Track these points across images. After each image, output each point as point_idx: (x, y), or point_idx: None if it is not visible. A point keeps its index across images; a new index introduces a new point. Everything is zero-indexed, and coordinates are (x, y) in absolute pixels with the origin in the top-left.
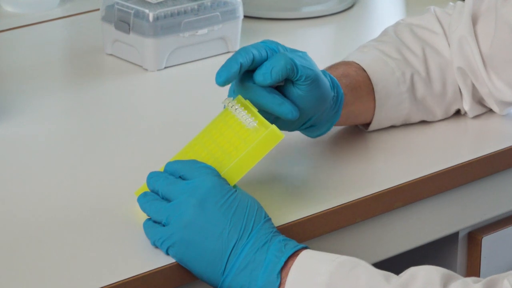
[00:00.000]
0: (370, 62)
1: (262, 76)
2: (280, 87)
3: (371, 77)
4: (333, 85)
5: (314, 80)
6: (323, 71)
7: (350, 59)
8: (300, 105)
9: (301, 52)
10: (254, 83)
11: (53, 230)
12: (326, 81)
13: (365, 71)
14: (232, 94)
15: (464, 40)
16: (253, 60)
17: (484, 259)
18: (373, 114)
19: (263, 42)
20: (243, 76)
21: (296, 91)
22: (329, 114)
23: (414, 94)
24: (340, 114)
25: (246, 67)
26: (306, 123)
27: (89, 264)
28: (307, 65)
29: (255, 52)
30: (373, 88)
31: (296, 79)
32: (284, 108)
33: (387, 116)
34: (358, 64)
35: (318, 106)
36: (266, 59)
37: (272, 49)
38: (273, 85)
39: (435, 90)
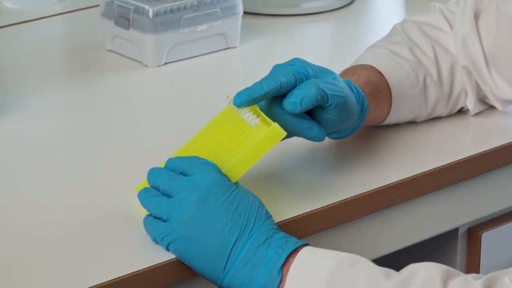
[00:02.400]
0: (386, 65)
1: (292, 105)
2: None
3: (388, 81)
4: (359, 98)
5: (343, 105)
6: (348, 82)
7: (365, 62)
8: (327, 126)
9: (331, 75)
10: (283, 109)
11: (53, 227)
12: (354, 101)
13: (382, 75)
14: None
15: (468, 39)
16: (280, 87)
17: (483, 255)
18: (386, 117)
19: (292, 65)
20: (272, 101)
21: (325, 115)
22: (353, 125)
23: (425, 96)
24: (362, 124)
25: (271, 95)
26: (328, 135)
27: (89, 259)
28: (337, 92)
29: (283, 79)
30: (390, 93)
31: (326, 105)
32: (313, 133)
33: (397, 117)
34: (376, 69)
35: (345, 123)
36: (294, 86)
37: (301, 73)
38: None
39: (445, 91)
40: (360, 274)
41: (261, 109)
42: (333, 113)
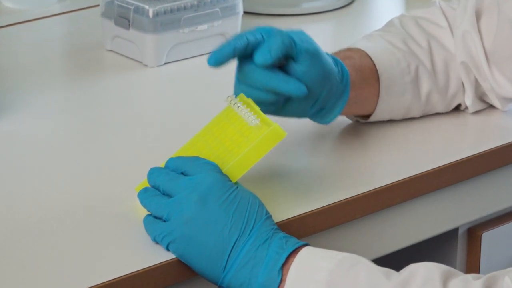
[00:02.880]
0: (376, 50)
1: (262, 56)
2: (283, 67)
3: (377, 65)
4: (336, 63)
5: (314, 53)
6: (326, 53)
7: (356, 46)
8: (305, 82)
9: (297, 29)
10: (255, 65)
11: (53, 226)
12: (327, 57)
13: (370, 58)
14: (237, 85)
15: (468, 35)
16: (248, 43)
17: (483, 255)
18: (377, 103)
19: (256, 27)
20: (243, 62)
21: (299, 67)
22: (337, 91)
23: (418, 86)
24: (348, 93)
25: (241, 50)
26: (315, 104)
27: (89, 259)
28: (305, 40)
29: (250, 36)
30: (378, 76)
31: (296, 54)
32: (291, 85)
33: (389, 107)
34: (362, 51)
35: (324, 81)
36: (261, 42)
37: (267, 31)
38: (274, 64)
39: (439, 83)
40: (360, 274)
41: (236, 75)
42: (306, 63)
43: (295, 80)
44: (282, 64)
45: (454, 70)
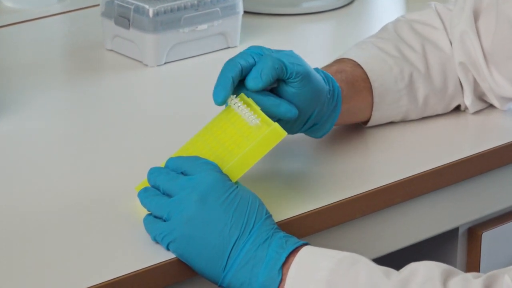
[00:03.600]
0: (367, 59)
1: (253, 81)
2: (274, 89)
3: (368, 74)
4: (327, 80)
5: (305, 75)
6: (316, 69)
7: (347, 56)
8: (297, 103)
9: (287, 50)
10: (247, 89)
11: (53, 225)
12: (318, 76)
13: (361, 67)
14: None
15: (466, 35)
16: (242, 70)
17: (484, 255)
18: (371, 111)
19: (248, 49)
20: (236, 86)
21: (290, 89)
22: (328, 108)
23: (413, 91)
24: (340, 108)
25: (238, 79)
26: (307, 122)
27: (88, 259)
28: (295, 62)
29: (242, 61)
30: (370, 85)
31: (287, 77)
32: (283, 108)
33: (386, 113)
34: (354, 61)
35: (315, 101)
36: (254, 65)
37: (258, 53)
38: (266, 88)
39: (436, 85)
40: (360, 274)
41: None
42: (296, 85)
43: (286, 103)
44: (273, 87)
45: (451, 71)
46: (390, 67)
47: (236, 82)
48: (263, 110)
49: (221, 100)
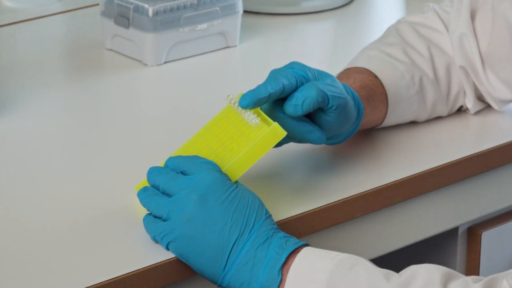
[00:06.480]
0: (380, 67)
1: (294, 107)
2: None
3: (383, 83)
4: (355, 102)
5: (344, 106)
6: (344, 86)
7: (359, 64)
8: (327, 129)
9: (329, 77)
10: (284, 113)
11: (52, 225)
12: (351, 104)
13: (377, 77)
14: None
15: (465, 38)
16: (283, 90)
17: (483, 254)
18: (384, 119)
19: (291, 67)
20: (273, 104)
21: (325, 118)
22: (349, 129)
23: (423, 97)
24: (359, 127)
25: (275, 97)
26: (328, 139)
27: (89, 259)
28: (337, 94)
29: (285, 81)
30: (386, 95)
31: (327, 108)
32: (313, 135)
33: (395, 119)
34: (370, 71)
35: (343, 126)
36: (295, 88)
37: (302, 76)
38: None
39: (443, 90)
40: (360, 275)
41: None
42: (333, 115)
43: (317, 130)
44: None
45: (455, 74)
46: (402, 74)
47: (272, 99)
48: (293, 133)
49: (245, 103)
